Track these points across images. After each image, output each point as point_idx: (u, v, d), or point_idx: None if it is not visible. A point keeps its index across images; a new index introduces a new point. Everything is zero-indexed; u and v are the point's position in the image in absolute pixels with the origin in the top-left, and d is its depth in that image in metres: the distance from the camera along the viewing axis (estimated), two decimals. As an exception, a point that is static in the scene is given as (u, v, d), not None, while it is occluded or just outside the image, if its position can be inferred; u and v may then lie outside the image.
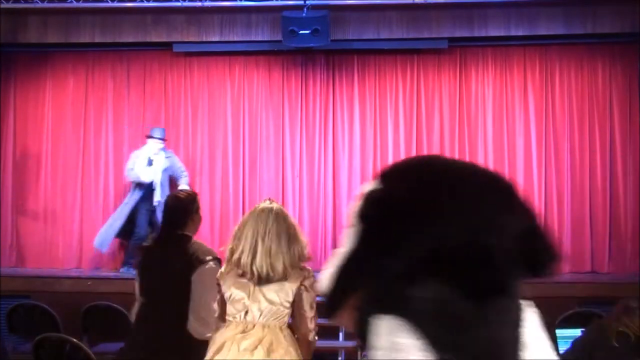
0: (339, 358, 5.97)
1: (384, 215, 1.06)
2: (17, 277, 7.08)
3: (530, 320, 1.14)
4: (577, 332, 3.66)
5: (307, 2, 7.08)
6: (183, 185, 7.23)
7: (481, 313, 1.02)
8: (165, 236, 3.62)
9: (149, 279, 3.51)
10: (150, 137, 7.31)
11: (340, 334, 6.19)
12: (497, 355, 1.04)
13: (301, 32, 7.02)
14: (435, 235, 1.02)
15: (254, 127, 7.93)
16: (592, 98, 7.65)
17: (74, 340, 4.22)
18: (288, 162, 7.86)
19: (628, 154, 7.50)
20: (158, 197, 7.05)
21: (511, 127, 7.70)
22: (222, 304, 3.07)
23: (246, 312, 2.96)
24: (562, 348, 4.08)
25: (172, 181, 7.39)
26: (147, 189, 7.19)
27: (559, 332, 4.35)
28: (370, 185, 1.13)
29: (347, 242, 1.10)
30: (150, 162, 7.22)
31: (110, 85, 8.03)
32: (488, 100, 7.75)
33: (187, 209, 3.55)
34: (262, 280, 2.94)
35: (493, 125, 7.71)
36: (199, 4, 7.39)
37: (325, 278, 1.09)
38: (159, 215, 6.24)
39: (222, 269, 3.09)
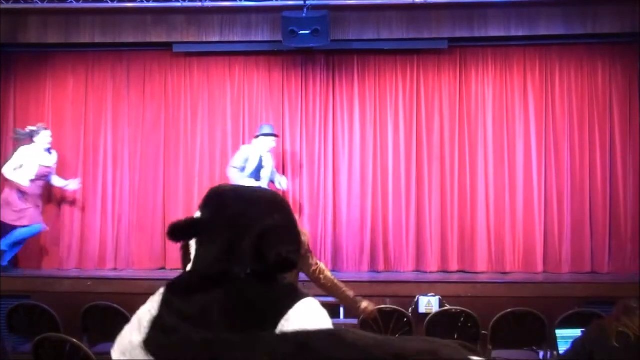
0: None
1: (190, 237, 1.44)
2: (17, 277, 7.08)
3: (300, 312, 1.32)
4: (577, 332, 3.66)
5: (307, 2, 7.08)
6: (277, 182, 7.18)
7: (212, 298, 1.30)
8: None
9: None
10: (262, 135, 7.07)
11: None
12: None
13: (301, 32, 7.01)
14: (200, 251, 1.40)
15: (254, 127, 7.91)
16: (592, 98, 7.65)
17: (74, 340, 4.22)
18: (288, 162, 7.86)
19: (628, 154, 7.50)
20: None
21: (511, 127, 7.70)
22: None
23: None
24: (562, 348, 4.07)
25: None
26: None
27: (559, 332, 4.35)
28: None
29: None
30: (260, 162, 7.01)
31: (110, 85, 8.03)
32: (488, 100, 7.75)
33: None
34: None
35: (493, 125, 7.71)
36: (199, 4, 7.39)
37: None
38: None
39: None
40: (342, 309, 6.29)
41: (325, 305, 1.40)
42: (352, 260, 7.45)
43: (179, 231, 1.41)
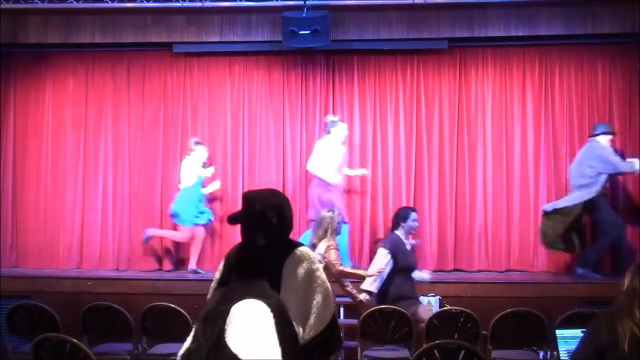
0: (339, 358, 5.97)
1: None
2: (17, 277, 7.08)
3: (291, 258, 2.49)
4: (577, 332, 3.64)
5: (307, 2, 7.09)
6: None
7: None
8: None
9: None
10: (602, 133, 6.96)
11: (340, 334, 6.20)
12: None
13: (301, 32, 7.02)
14: None
15: (254, 127, 7.93)
16: (592, 98, 7.64)
17: (74, 340, 4.21)
18: (288, 162, 7.86)
19: (628, 154, 7.49)
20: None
21: (510, 127, 7.70)
22: None
23: None
24: (563, 348, 4.06)
25: None
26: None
27: (559, 332, 4.33)
28: None
29: None
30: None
31: (110, 85, 8.03)
32: (488, 100, 7.75)
33: None
34: None
35: (492, 125, 7.71)
36: (199, 4, 7.39)
37: None
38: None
39: None
40: (342, 310, 6.28)
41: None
42: (352, 260, 7.44)
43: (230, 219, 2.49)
